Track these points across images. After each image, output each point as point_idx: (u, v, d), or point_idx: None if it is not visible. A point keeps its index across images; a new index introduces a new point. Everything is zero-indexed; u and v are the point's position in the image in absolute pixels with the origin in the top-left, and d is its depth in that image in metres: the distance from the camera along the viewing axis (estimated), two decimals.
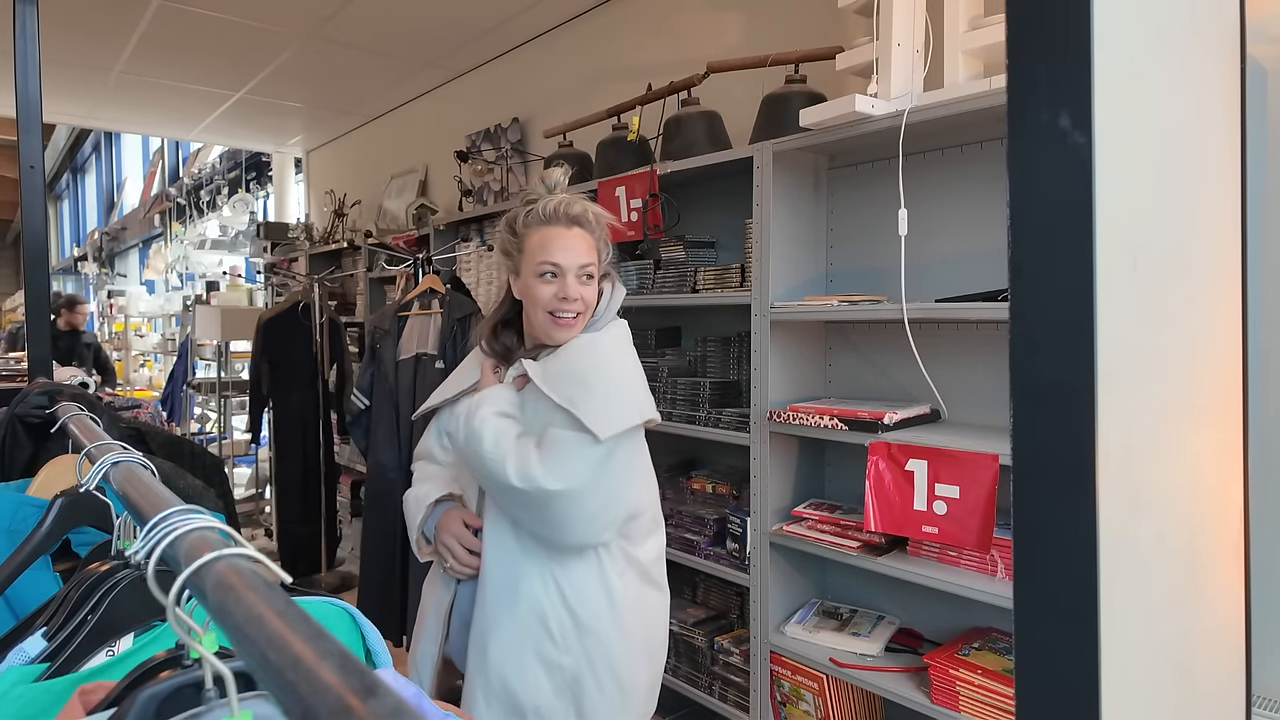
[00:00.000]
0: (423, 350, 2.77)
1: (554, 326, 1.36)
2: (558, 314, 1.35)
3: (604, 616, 1.34)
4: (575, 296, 1.34)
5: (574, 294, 1.34)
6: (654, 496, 1.47)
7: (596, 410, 1.26)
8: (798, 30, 2.32)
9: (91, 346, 6.42)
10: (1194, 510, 0.70)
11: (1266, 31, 1.41)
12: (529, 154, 3.44)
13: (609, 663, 1.34)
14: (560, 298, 1.34)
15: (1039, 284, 0.44)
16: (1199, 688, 0.72)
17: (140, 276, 11.16)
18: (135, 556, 0.74)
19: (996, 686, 1.57)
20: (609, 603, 1.34)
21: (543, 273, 1.35)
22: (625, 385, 1.34)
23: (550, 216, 1.37)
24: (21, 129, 1.58)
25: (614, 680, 1.34)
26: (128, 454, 0.77)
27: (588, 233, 1.38)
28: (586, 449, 1.25)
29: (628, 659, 1.36)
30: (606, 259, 1.44)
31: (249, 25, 3.32)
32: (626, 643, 1.35)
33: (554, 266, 1.34)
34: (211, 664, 0.43)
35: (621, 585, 1.36)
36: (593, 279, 1.38)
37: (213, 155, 8.00)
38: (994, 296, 1.63)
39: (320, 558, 4.01)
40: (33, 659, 0.69)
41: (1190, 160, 0.68)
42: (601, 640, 1.33)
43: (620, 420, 1.27)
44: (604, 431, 1.24)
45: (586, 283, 1.37)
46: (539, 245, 1.36)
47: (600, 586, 1.34)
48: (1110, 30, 0.43)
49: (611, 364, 1.36)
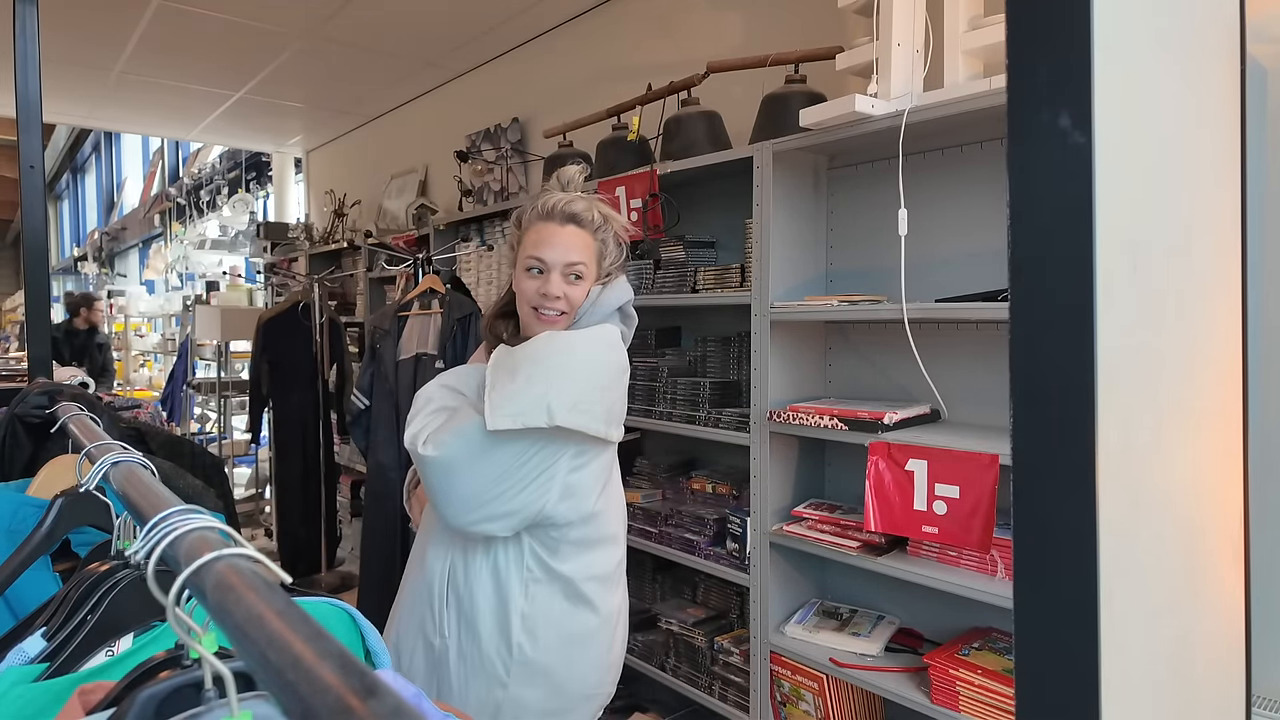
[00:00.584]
0: (423, 350, 2.77)
1: (535, 321, 1.35)
2: (540, 310, 1.34)
3: (486, 614, 1.30)
4: (557, 294, 1.33)
5: (555, 291, 1.32)
6: (597, 514, 1.35)
7: (500, 398, 1.21)
8: (798, 30, 2.32)
9: (104, 347, 6.58)
10: (1194, 510, 0.70)
11: (1266, 31, 1.41)
12: (529, 154, 3.44)
13: (482, 663, 1.30)
14: (542, 293, 1.33)
15: (1039, 284, 0.44)
16: (1199, 688, 0.72)
17: (140, 276, 11.17)
18: (135, 556, 0.74)
19: (996, 686, 1.57)
20: (498, 603, 1.30)
21: (530, 267, 1.35)
22: (558, 385, 1.23)
23: (548, 213, 1.36)
24: (21, 129, 1.58)
25: (485, 681, 1.30)
26: (127, 454, 0.77)
27: (584, 231, 1.36)
28: (473, 429, 1.21)
29: (510, 667, 1.29)
30: (612, 261, 1.41)
31: (249, 25, 3.32)
32: (510, 650, 1.29)
33: (540, 262, 1.34)
34: (211, 664, 0.43)
35: (522, 592, 1.30)
36: (582, 280, 1.36)
37: (212, 155, 8.01)
38: (994, 296, 1.63)
39: (320, 558, 4.01)
40: (32, 659, 0.69)
41: (1190, 160, 0.68)
42: (477, 636, 1.29)
43: (517, 416, 1.19)
44: (492, 422, 1.19)
45: (573, 282, 1.35)
46: (532, 241, 1.36)
47: (492, 584, 1.30)
48: (1110, 30, 0.43)
49: (557, 361, 1.26)
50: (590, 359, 1.30)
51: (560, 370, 1.25)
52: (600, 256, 1.39)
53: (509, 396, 1.21)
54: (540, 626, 1.31)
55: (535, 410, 1.21)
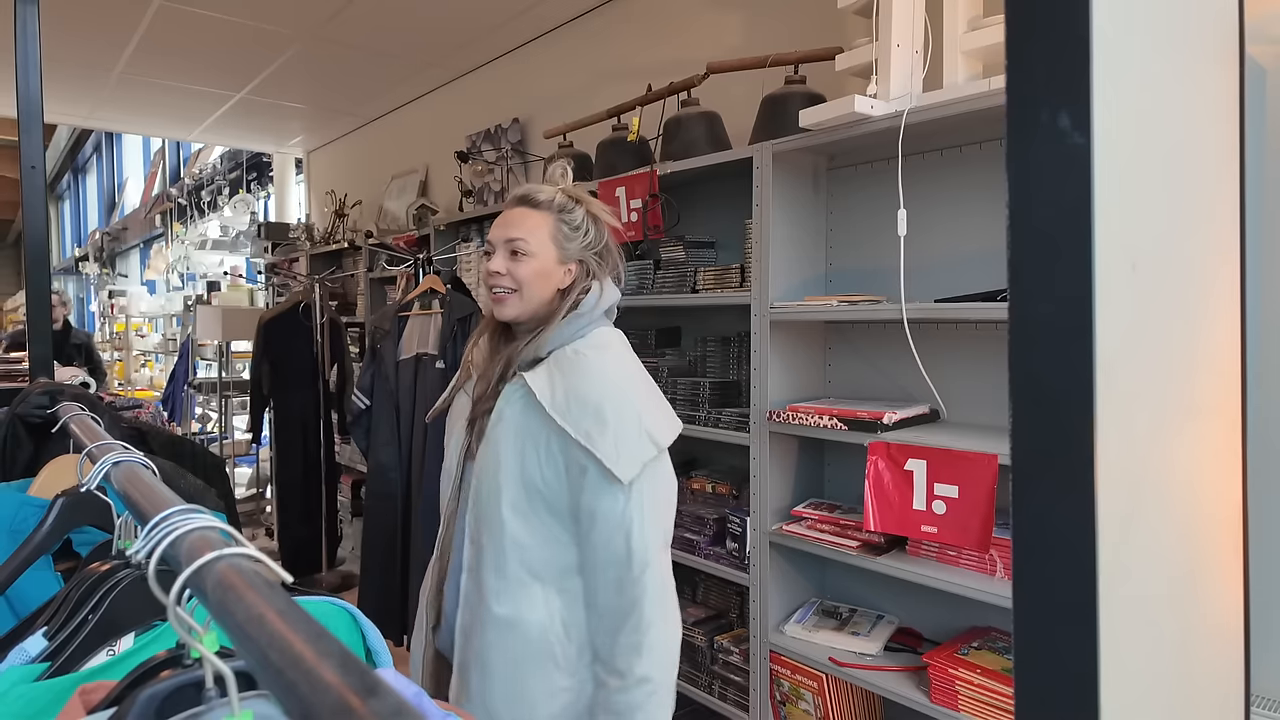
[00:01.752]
0: (423, 350, 2.77)
1: (491, 302, 1.36)
2: (492, 289, 1.34)
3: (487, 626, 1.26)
4: (496, 269, 1.32)
5: (495, 267, 1.32)
6: None
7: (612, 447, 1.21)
8: (798, 30, 2.32)
9: (84, 348, 5.83)
10: (1193, 510, 0.70)
11: (1266, 31, 1.41)
12: (529, 154, 3.44)
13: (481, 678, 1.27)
14: (489, 272, 1.34)
15: (1038, 284, 0.44)
16: (1198, 687, 0.72)
17: (141, 277, 11.18)
18: (136, 556, 0.74)
19: (996, 686, 1.57)
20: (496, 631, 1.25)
21: (486, 252, 1.36)
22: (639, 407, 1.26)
23: (508, 201, 1.39)
24: (22, 129, 1.58)
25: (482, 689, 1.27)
26: (129, 454, 0.78)
27: (536, 211, 1.34)
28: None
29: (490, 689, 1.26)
30: (587, 245, 1.35)
31: (249, 25, 3.32)
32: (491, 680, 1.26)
33: (489, 244, 1.36)
34: (212, 663, 0.43)
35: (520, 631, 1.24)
36: (525, 255, 1.31)
37: (213, 156, 8.01)
38: (993, 296, 1.64)
39: (320, 557, 4.01)
40: (33, 658, 0.69)
41: (1189, 160, 0.68)
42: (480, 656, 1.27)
43: (636, 460, 1.22)
44: (626, 473, 1.19)
45: (515, 259, 1.31)
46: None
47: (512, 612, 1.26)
48: (1109, 30, 0.43)
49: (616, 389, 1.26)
50: (635, 373, 1.32)
51: (630, 396, 1.26)
52: (560, 237, 1.34)
53: (623, 440, 1.21)
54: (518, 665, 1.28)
55: (645, 443, 1.23)
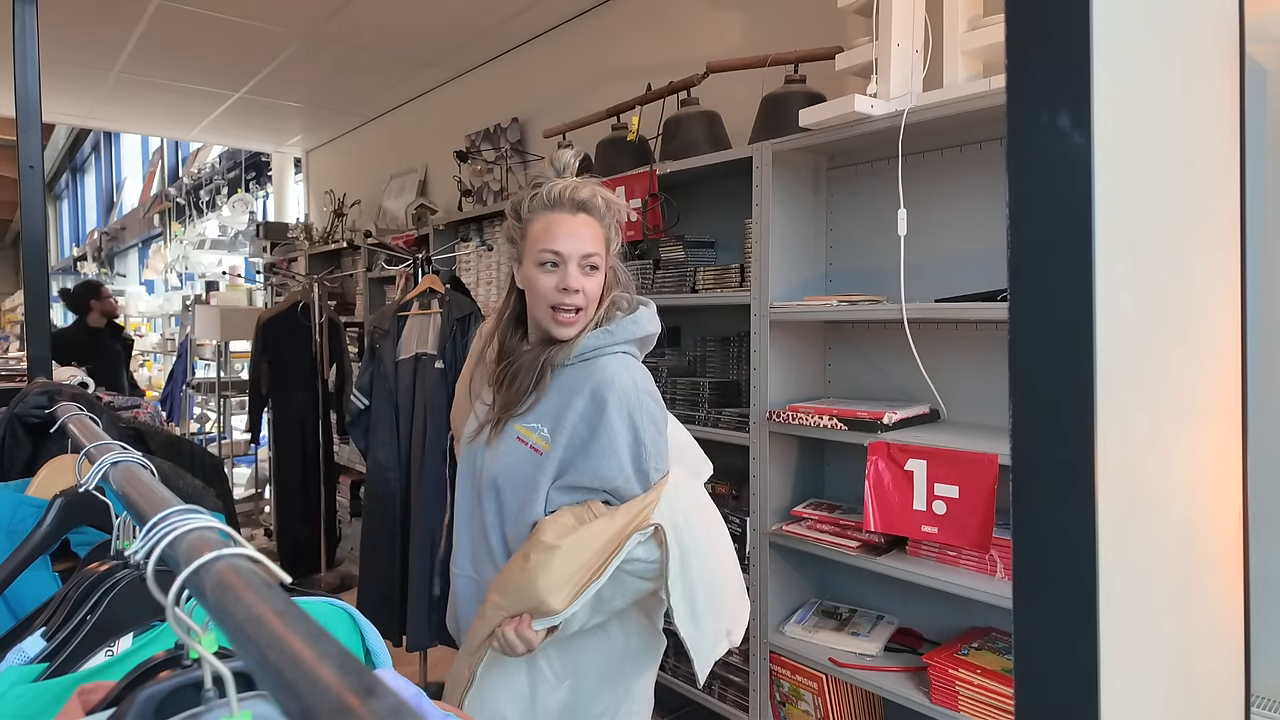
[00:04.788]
0: (422, 350, 2.77)
1: (554, 323, 1.28)
2: (559, 308, 1.26)
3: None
4: (576, 287, 1.25)
5: (574, 284, 1.25)
6: None
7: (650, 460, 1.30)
8: (798, 30, 2.32)
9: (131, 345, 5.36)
10: (1193, 510, 0.70)
11: (1266, 31, 1.41)
12: (529, 154, 3.44)
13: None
14: (560, 288, 1.25)
15: (1038, 284, 0.44)
16: (1198, 687, 0.72)
17: (140, 276, 11.16)
18: (135, 556, 0.74)
19: (996, 686, 1.57)
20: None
21: (544, 261, 1.26)
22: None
23: (555, 201, 1.28)
24: (21, 129, 1.58)
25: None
26: (127, 454, 0.77)
27: (594, 219, 1.29)
28: None
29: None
30: (616, 249, 1.34)
31: (249, 25, 3.32)
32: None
33: (555, 255, 1.26)
34: (211, 664, 0.43)
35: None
36: (598, 270, 1.29)
37: (212, 155, 8.00)
38: (993, 296, 1.63)
39: (320, 558, 4.00)
40: (32, 659, 0.69)
41: (1190, 160, 0.68)
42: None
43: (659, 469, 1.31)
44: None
45: (590, 274, 1.28)
46: (542, 232, 1.27)
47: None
48: (1110, 30, 0.43)
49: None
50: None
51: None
52: (610, 245, 1.32)
53: (656, 454, 1.29)
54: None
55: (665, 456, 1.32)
